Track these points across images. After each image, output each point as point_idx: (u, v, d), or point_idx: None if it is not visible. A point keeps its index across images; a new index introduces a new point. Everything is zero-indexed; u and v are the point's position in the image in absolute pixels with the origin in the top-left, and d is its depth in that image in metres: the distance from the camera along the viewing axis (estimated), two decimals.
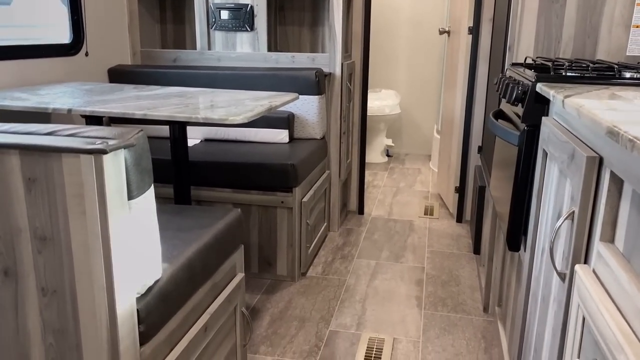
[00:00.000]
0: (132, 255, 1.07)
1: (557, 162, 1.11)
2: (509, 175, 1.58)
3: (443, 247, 2.95)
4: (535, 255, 1.31)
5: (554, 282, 1.06)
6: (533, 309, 1.29)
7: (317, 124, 2.82)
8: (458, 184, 3.31)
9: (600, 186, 0.88)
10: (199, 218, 1.59)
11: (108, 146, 0.96)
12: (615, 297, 0.76)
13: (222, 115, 1.64)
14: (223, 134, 2.80)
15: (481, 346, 2.01)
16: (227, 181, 2.42)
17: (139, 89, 2.23)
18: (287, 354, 1.92)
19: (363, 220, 3.34)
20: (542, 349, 1.14)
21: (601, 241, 0.85)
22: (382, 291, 2.42)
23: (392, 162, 4.88)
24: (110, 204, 0.99)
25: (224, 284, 1.56)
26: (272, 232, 2.45)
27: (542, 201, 1.28)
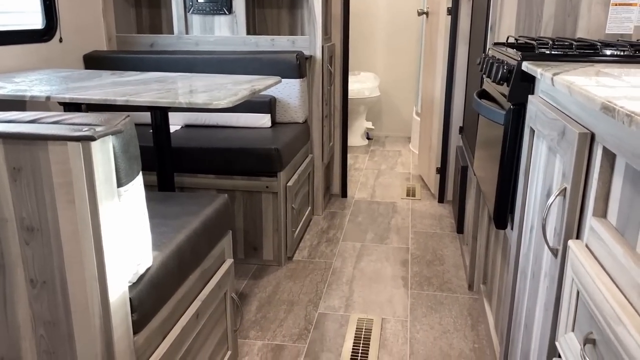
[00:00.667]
0: (123, 243, 1.06)
1: (546, 140, 1.12)
2: (494, 155, 1.59)
3: (426, 227, 2.98)
4: (523, 233, 1.33)
5: (545, 258, 1.08)
6: (522, 285, 1.31)
7: (299, 108, 2.80)
8: (439, 165, 3.33)
9: (592, 162, 0.89)
10: (185, 205, 1.57)
11: (96, 133, 0.94)
12: (610, 270, 0.78)
13: (206, 99, 1.61)
14: (204, 120, 2.76)
15: (468, 323, 2.04)
16: (210, 167, 2.39)
17: (117, 75, 2.18)
18: (277, 337, 1.93)
19: (346, 203, 3.34)
20: (533, 324, 1.16)
21: (594, 216, 0.87)
22: (368, 272, 2.44)
23: (372, 145, 4.89)
24: (100, 192, 0.97)
25: (213, 270, 1.55)
26: (258, 217, 2.43)
27: (529, 179, 1.29)
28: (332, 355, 1.83)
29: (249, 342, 1.90)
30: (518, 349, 1.31)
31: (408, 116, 5.14)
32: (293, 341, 1.91)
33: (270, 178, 2.37)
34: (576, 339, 0.87)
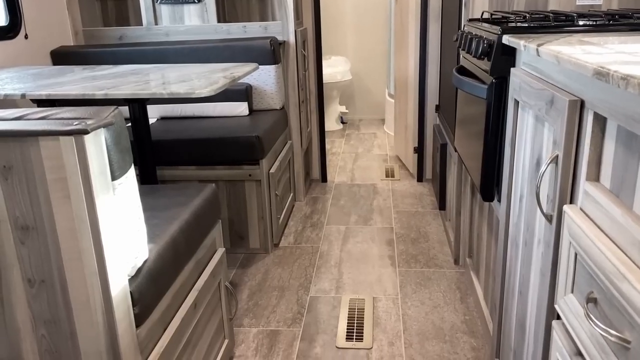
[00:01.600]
0: (120, 237, 1.04)
1: (533, 110, 1.14)
2: (476, 129, 1.62)
3: (408, 206, 3.01)
4: (512, 203, 1.36)
5: (538, 225, 1.11)
6: (514, 254, 1.34)
7: (275, 94, 2.79)
8: (416, 145, 3.36)
9: (582, 128, 0.92)
10: (173, 196, 1.55)
11: (88, 126, 0.92)
12: (607, 231, 0.80)
13: (187, 89, 1.59)
14: (180, 111, 2.72)
15: (457, 296, 2.08)
16: (190, 158, 2.37)
17: (90, 69, 2.13)
18: (272, 323, 1.94)
19: (327, 188, 3.36)
20: (529, 291, 1.19)
21: (587, 181, 0.89)
22: (355, 254, 2.46)
23: (347, 129, 4.90)
24: (96, 186, 0.95)
25: (206, 260, 1.55)
26: (242, 206, 2.43)
27: (515, 150, 1.32)
28: (328, 336, 1.85)
29: (244, 330, 1.90)
30: (513, 315, 1.35)
31: (381, 98, 5.17)
32: (287, 326, 1.92)
33: (253, 166, 2.37)
34: (576, 299, 0.90)
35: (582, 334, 0.85)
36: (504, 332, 1.46)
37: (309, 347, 1.80)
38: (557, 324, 0.99)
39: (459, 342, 1.80)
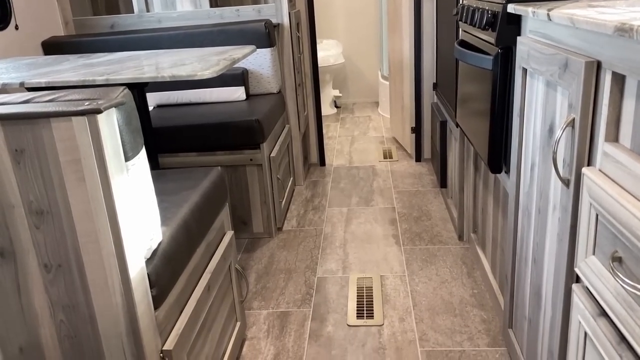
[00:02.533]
0: (135, 218, 1.03)
1: (544, 76, 1.14)
2: (481, 102, 1.61)
3: (408, 186, 3.02)
4: (522, 173, 1.36)
5: (553, 191, 1.11)
6: (525, 223, 1.34)
7: (272, 78, 2.76)
8: (414, 125, 3.36)
9: (599, 89, 0.91)
10: (181, 180, 1.54)
11: (100, 105, 0.91)
12: (631, 189, 0.80)
13: (189, 71, 1.57)
14: (176, 98, 2.70)
15: (463, 271, 2.09)
16: (191, 145, 2.35)
17: (86, 57, 2.10)
18: (281, 305, 1.94)
19: (326, 171, 3.35)
20: (544, 258, 1.20)
21: (606, 142, 0.89)
22: (359, 234, 2.46)
23: (341, 113, 4.89)
24: (110, 167, 0.94)
25: (216, 243, 1.54)
26: (244, 191, 2.42)
27: (524, 119, 1.32)
28: (338, 315, 1.86)
29: (254, 313, 1.90)
30: (526, 285, 1.35)
31: (374, 81, 5.15)
32: (297, 307, 1.92)
33: (254, 150, 2.35)
34: (598, 261, 0.90)
35: (607, 294, 0.85)
36: (517, 302, 1.47)
37: (321, 327, 1.80)
38: (577, 287, 1.00)
39: (469, 315, 1.82)
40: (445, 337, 1.71)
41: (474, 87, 1.72)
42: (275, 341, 1.74)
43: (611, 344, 0.84)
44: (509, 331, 1.56)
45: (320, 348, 1.70)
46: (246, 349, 1.72)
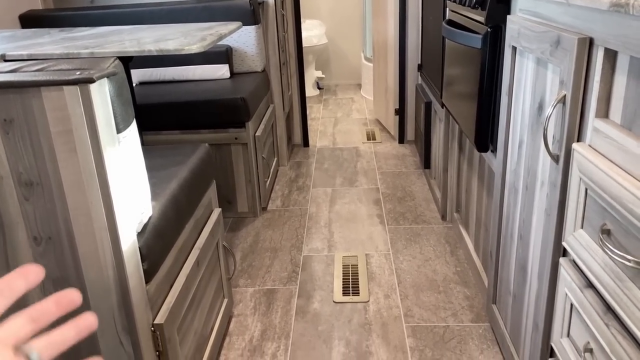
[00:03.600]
0: (127, 191, 1.02)
1: (534, 54, 1.15)
2: (469, 82, 1.63)
3: (391, 167, 3.03)
4: (509, 151, 1.38)
5: (542, 168, 1.13)
6: (512, 200, 1.37)
7: (256, 56, 2.74)
8: (397, 106, 3.37)
9: (591, 66, 0.93)
10: (169, 156, 1.52)
11: (92, 74, 0.89)
12: (621, 164, 0.82)
13: (176, 45, 1.54)
14: (159, 75, 2.66)
15: (447, 250, 2.13)
16: (174, 123, 2.33)
17: (68, 31, 2.05)
18: (268, 282, 1.95)
19: (310, 152, 3.35)
20: (530, 234, 1.22)
21: (597, 117, 0.91)
22: (344, 214, 2.48)
23: (324, 94, 4.87)
24: (103, 138, 0.93)
25: (204, 219, 1.54)
26: (229, 170, 2.40)
27: (513, 97, 1.33)
28: (325, 292, 1.87)
29: (240, 290, 1.91)
30: (512, 260, 1.38)
31: (357, 62, 5.14)
32: (284, 284, 1.93)
33: (239, 129, 2.34)
34: (587, 234, 0.92)
35: (594, 265, 0.88)
36: (501, 278, 1.50)
37: (307, 303, 1.82)
38: (564, 260, 1.02)
39: (453, 292, 1.85)
40: (429, 313, 1.74)
41: (462, 66, 1.73)
42: (262, 318, 1.75)
43: (597, 314, 0.87)
44: (493, 307, 1.59)
45: (307, 324, 1.71)
46: (233, 326, 1.72)
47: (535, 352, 1.21)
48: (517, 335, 1.37)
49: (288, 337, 1.66)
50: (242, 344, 1.64)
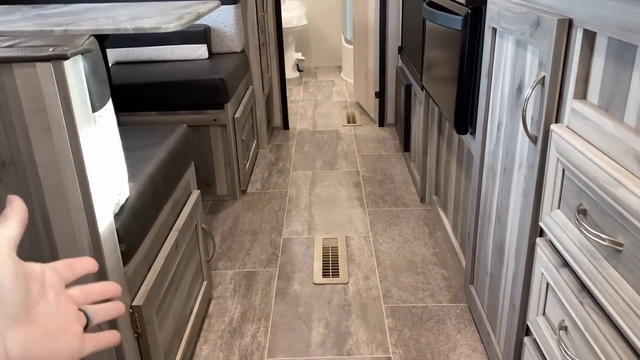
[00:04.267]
0: (104, 171, 1.00)
1: (514, 36, 1.15)
2: (448, 64, 1.63)
3: (371, 150, 3.04)
4: (488, 133, 1.39)
5: (520, 150, 1.14)
6: (490, 182, 1.38)
7: (235, 36, 2.70)
8: (378, 89, 3.37)
9: (570, 47, 0.93)
10: (146, 137, 1.50)
11: (66, 51, 0.87)
12: (598, 144, 0.83)
13: (153, 24, 1.51)
14: (136, 55, 2.60)
15: (425, 232, 2.14)
16: (151, 104, 2.29)
17: (40, 7, 1.99)
18: (247, 265, 1.95)
19: (290, 135, 3.33)
20: (508, 215, 1.24)
21: (575, 99, 0.92)
22: (324, 197, 2.48)
23: (304, 77, 4.84)
24: (78, 117, 0.90)
25: (183, 201, 1.52)
26: (207, 152, 2.38)
27: (492, 79, 1.34)
28: (305, 274, 1.88)
29: (220, 273, 1.90)
30: (489, 241, 1.40)
31: (337, 44, 5.11)
32: (264, 266, 1.93)
33: (217, 110, 2.31)
34: (563, 214, 0.94)
35: (570, 245, 0.89)
36: (479, 259, 1.52)
37: (287, 285, 1.82)
38: (541, 240, 1.04)
39: (431, 273, 1.87)
40: (408, 293, 1.76)
41: (442, 48, 1.73)
42: (242, 300, 1.75)
43: (572, 292, 0.89)
44: (470, 287, 1.62)
45: (287, 305, 1.72)
46: (213, 308, 1.72)
47: (511, 330, 1.23)
48: (494, 315, 1.39)
49: (268, 318, 1.66)
50: (222, 325, 1.64)
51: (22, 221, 0.41)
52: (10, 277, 0.37)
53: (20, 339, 0.37)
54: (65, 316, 0.41)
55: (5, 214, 0.41)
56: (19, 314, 0.37)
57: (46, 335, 0.39)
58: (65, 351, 0.40)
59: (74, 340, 0.41)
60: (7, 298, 0.36)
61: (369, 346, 1.53)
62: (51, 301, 0.41)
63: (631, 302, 0.71)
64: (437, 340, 1.55)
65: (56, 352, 0.39)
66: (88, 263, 0.48)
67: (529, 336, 1.15)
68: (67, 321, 0.41)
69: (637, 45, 0.74)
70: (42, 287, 0.40)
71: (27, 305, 0.38)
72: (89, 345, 0.44)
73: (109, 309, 0.48)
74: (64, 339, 0.40)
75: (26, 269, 0.39)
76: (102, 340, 0.46)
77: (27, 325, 0.37)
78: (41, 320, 0.39)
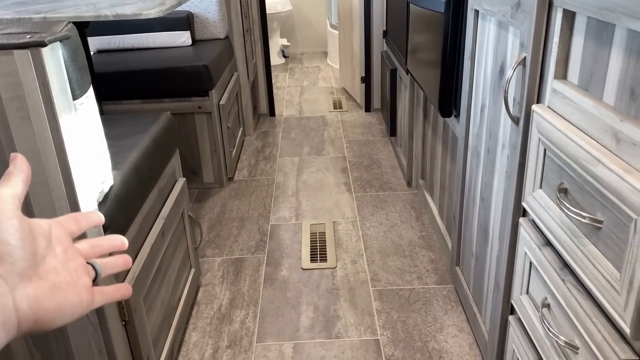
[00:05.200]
0: (86, 159, 1.00)
1: (496, 17, 1.15)
2: (432, 48, 1.63)
3: (358, 135, 3.04)
4: (472, 115, 1.40)
5: (503, 131, 1.15)
6: (474, 164, 1.39)
7: (219, 23, 2.68)
8: (364, 74, 3.36)
9: (550, 28, 0.94)
10: (129, 125, 1.49)
11: (44, 38, 0.85)
12: (577, 123, 0.84)
13: (134, 10, 1.49)
14: (118, 43, 2.57)
15: (412, 215, 2.16)
16: (135, 92, 2.27)
17: None
18: (235, 252, 1.95)
19: (276, 122, 3.32)
20: (492, 196, 1.25)
21: (555, 79, 0.92)
22: (311, 183, 2.48)
23: (290, 63, 4.82)
24: (57, 104, 0.89)
25: (169, 189, 1.52)
26: (193, 140, 2.37)
27: (476, 62, 1.34)
28: (293, 259, 1.89)
29: (208, 260, 1.90)
30: (474, 223, 1.42)
31: (322, 30, 5.08)
32: (252, 253, 1.94)
33: (202, 98, 2.29)
34: (545, 194, 0.95)
35: (552, 224, 0.90)
36: (464, 241, 1.54)
37: (275, 271, 1.83)
38: (524, 220, 1.05)
39: (418, 256, 1.89)
40: (395, 276, 1.78)
41: (426, 32, 1.73)
42: (230, 286, 1.76)
43: (554, 270, 0.90)
44: (456, 269, 1.64)
45: (275, 291, 1.73)
46: (201, 295, 1.72)
47: (496, 310, 1.25)
48: (479, 295, 1.41)
49: (257, 304, 1.67)
50: (211, 312, 1.65)
51: (26, 179, 0.41)
52: (17, 234, 0.37)
53: (30, 295, 0.37)
54: (73, 270, 0.42)
55: (9, 172, 0.41)
56: (27, 269, 0.37)
57: (55, 289, 0.39)
58: (75, 304, 0.41)
59: (83, 293, 0.42)
60: (14, 255, 0.37)
61: (357, 329, 1.55)
62: (59, 256, 0.41)
63: (610, 277, 0.73)
64: (424, 321, 1.57)
65: (66, 306, 0.40)
66: (94, 217, 0.49)
67: (513, 315, 1.17)
68: (76, 275, 0.42)
69: (615, 24, 0.75)
70: (49, 243, 0.41)
71: (35, 261, 0.38)
72: (98, 298, 0.44)
73: (117, 262, 0.49)
74: (73, 293, 0.41)
75: (32, 225, 0.39)
76: (112, 293, 0.46)
77: (36, 280, 0.38)
78: (49, 275, 0.39)
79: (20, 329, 0.37)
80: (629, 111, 0.71)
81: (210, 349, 1.50)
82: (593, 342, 0.76)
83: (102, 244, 0.48)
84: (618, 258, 0.71)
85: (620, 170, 0.69)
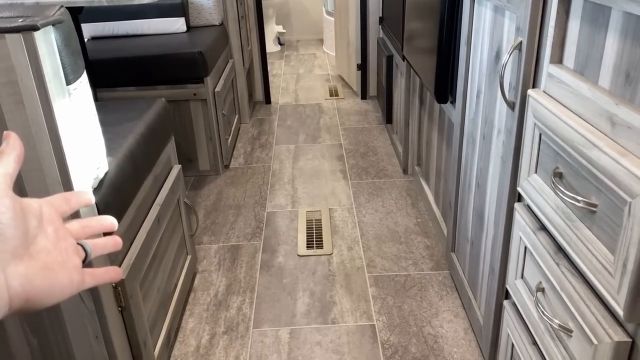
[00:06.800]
0: (81, 145, 0.99)
1: (492, 2, 1.15)
2: (429, 34, 1.62)
3: (354, 123, 3.04)
4: (467, 101, 1.39)
5: (498, 116, 1.15)
6: (470, 150, 1.39)
7: (213, 9, 2.65)
8: (359, 61, 3.35)
9: (546, 12, 0.93)
10: (124, 112, 1.48)
11: (36, 22, 0.84)
12: (573, 107, 0.84)
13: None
14: (112, 30, 2.55)
15: (408, 202, 2.16)
16: (129, 79, 2.25)
17: None
18: (232, 239, 1.95)
19: (272, 109, 3.31)
20: (487, 182, 1.25)
21: (551, 63, 0.92)
22: (307, 170, 2.48)
23: (285, 50, 4.79)
24: (51, 89, 0.89)
25: (164, 176, 1.51)
26: (188, 127, 2.36)
27: (471, 47, 1.34)
28: (289, 246, 1.89)
29: (204, 247, 1.91)
30: (470, 209, 1.42)
31: (318, 17, 5.05)
32: (248, 240, 1.94)
33: (197, 85, 2.28)
34: (540, 178, 0.95)
35: (547, 208, 0.91)
36: (460, 227, 1.54)
37: (272, 258, 1.83)
38: (519, 205, 1.05)
39: (414, 242, 1.89)
40: (391, 263, 1.78)
41: (422, 18, 1.72)
42: (226, 273, 1.76)
43: (549, 254, 0.91)
44: (452, 255, 1.64)
45: (271, 277, 1.73)
46: (198, 282, 1.73)
47: (491, 295, 1.26)
48: (475, 280, 1.42)
49: (253, 290, 1.68)
50: (207, 298, 1.65)
51: (19, 157, 0.41)
52: (8, 213, 0.37)
53: (21, 273, 0.37)
54: (64, 250, 0.42)
55: (1, 150, 0.41)
56: (18, 248, 0.37)
57: (46, 268, 0.39)
58: (65, 284, 0.41)
59: (74, 273, 0.42)
60: (6, 233, 0.37)
61: (353, 314, 1.55)
62: (50, 235, 0.41)
63: (604, 260, 0.73)
64: (419, 307, 1.58)
65: (56, 285, 0.40)
66: (84, 196, 0.49)
67: (508, 299, 1.17)
68: (66, 255, 0.42)
69: (611, 7, 0.74)
70: (40, 222, 0.41)
71: (26, 240, 0.38)
72: (88, 279, 0.45)
73: (107, 243, 0.49)
74: (64, 272, 0.41)
75: (24, 204, 0.39)
76: (102, 275, 0.47)
77: (27, 259, 0.38)
78: (40, 254, 0.39)
79: (11, 307, 0.37)
80: (624, 95, 0.71)
81: (207, 334, 1.51)
82: (587, 325, 0.77)
83: (92, 224, 0.48)
84: (612, 241, 0.72)
85: (615, 153, 0.69)
